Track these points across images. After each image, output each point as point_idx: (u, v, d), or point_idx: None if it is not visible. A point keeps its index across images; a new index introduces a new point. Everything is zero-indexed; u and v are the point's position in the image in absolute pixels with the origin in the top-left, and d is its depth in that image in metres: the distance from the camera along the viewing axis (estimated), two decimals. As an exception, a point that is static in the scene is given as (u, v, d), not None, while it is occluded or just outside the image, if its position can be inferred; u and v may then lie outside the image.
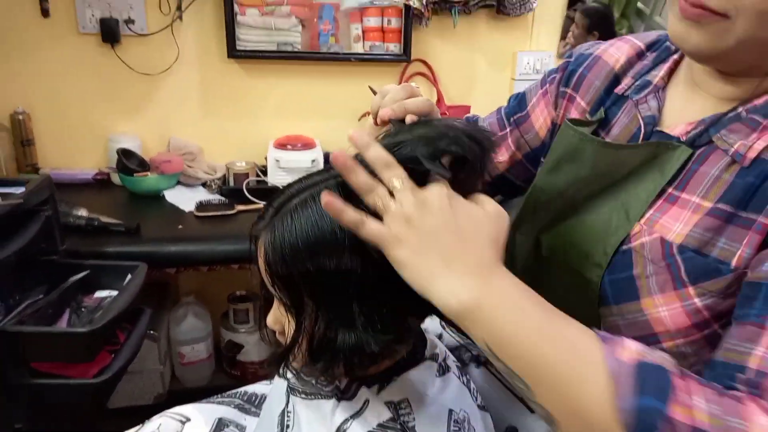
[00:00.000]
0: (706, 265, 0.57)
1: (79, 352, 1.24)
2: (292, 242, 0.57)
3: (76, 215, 1.60)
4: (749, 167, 0.56)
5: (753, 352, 0.49)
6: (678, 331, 0.59)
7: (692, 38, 0.56)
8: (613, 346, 0.47)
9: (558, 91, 0.82)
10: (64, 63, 1.95)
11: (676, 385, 0.45)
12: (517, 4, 2.20)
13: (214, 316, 2.17)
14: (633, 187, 0.64)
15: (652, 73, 0.70)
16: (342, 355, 0.58)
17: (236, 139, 2.16)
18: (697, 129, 0.62)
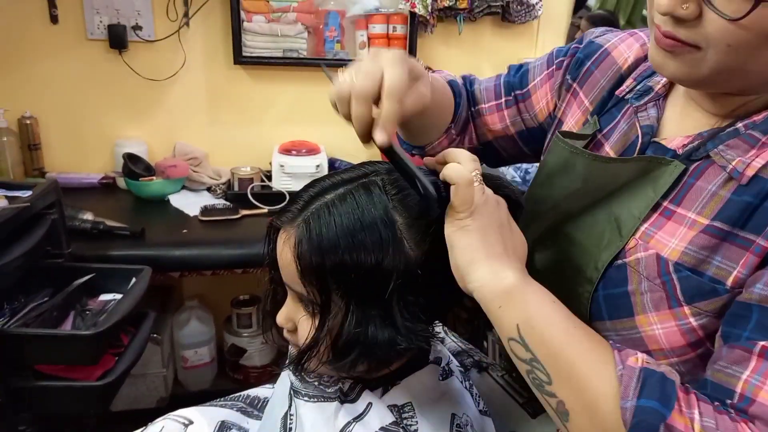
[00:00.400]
0: (702, 285, 0.56)
1: (83, 355, 1.25)
2: (331, 236, 0.57)
3: (82, 219, 1.61)
4: (747, 185, 0.56)
5: (741, 377, 0.50)
6: (672, 350, 0.59)
7: (669, 67, 0.57)
8: (624, 355, 0.51)
9: (563, 79, 0.80)
10: (72, 69, 1.97)
11: (679, 396, 0.47)
12: (522, 12, 2.20)
13: (218, 320, 2.18)
14: (626, 202, 0.64)
15: (654, 79, 0.70)
16: (372, 351, 0.58)
17: (241, 145, 2.18)
18: (694, 143, 0.61)
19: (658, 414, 0.46)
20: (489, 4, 2.14)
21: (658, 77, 0.69)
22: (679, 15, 0.52)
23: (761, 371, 0.49)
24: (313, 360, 0.61)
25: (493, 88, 0.88)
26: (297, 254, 0.58)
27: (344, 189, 0.60)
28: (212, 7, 2.00)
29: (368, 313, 0.58)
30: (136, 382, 1.85)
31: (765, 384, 0.48)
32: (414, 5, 2.03)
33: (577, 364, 0.51)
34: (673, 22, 0.54)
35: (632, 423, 0.46)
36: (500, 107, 0.87)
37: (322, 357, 0.61)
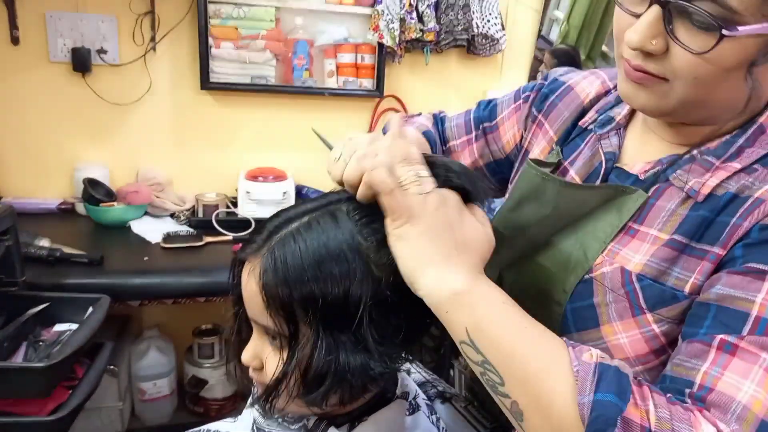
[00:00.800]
0: (663, 291, 0.59)
1: (34, 388, 1.19)
2: (297, 264, 0.56)
3: (38, 246, 1.56)
4: (703, 202, 0.59)
5: (700, 369, 0.51)
6: (637, 358, 0.61)
7: (638, 98, 0.60)
8: (578, 351, 0.51)
9: (530, 111, 0.84)
10: (33, 91, 1.93)
11: (633, 389, 0.48)
12: (487, 45, 2.26)
13: (178, 350, 2.12)
14: (592, 227, 0.66)
15: (615, 110, 0.73)
16: (345, 379, 0.57)
17: (207, 171, 2.15)
18: (654, 168, 0.65)
19: (616, 407, 0.46)
20: (455, 37, 2.20)
21: (619, 109, 0.73)
22: (647, 50, 0.55)
23: (720, 363, 0.50)
24: (281, 396, 0.59)
25: (464, 125, 0.92)
26: (262, 285, 0.57)
27: (309, 217, 0.59)
28: (180, 32, 1.99)
29: (338, 340, 0.57)
30: (90, 416, 1.78)
31: (723, 375, 0.50)
32: (382, 36, 2.06)
33: (529, 364, 0.51)
34: (643, 56, 0.57)
35: (590, 418, 0.46)
36: (470, 142, 0.91)
37: (292, 391, 0.59)
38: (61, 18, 1.88)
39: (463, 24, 2.18)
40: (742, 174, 0.59)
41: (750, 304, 0.52)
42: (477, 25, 2.19)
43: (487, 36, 2.23)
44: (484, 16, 2.21)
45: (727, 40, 0.51)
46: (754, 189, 0.57)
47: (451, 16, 2.17)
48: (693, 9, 0.52)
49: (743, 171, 0.59)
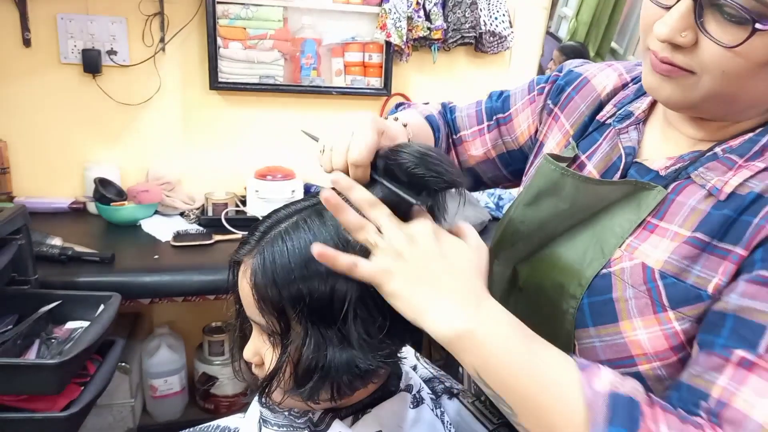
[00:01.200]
0: (687, 290, 0.58)
1: (46, 385, 1.21)
2: (284, 263, 0.57)
3: (50, 245, 1.58)
4: (725, 201, 0.59)
5: (716, 383, 0.52)
6: (656, 354, 0.60)
7: (664, 90, 0.60)
8: (590, 377, 0.51)
9: (545, 103, 0.83)
10: (44, 92, 1.95)
11: (644, 412, 0.48)
12: (495, 43, 2.26)
13: (189, 347, 2.14)
14: (609, 222, 0.66)
15: (634, 105, 0.73)
16: (333, 374, 0.58)
17: (216, 170, 2.17)
18: (676, 165, 0.65)
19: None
20: (462, 34, 2.19)
21: (638, 103, 0.73)
22: (676, 42, 0.55)
23: (737, 379, 0.51)
24: (277, 390, 0.61)
25: (475, 115, 0.91)
26: (253, 285, 0.59)
27: (297, 217, 0.60)
28: (188, 33, 2.01)
29: (326, 336, 0.58)
30: (102, 412, 1.80)
31: (739, 391, 0.50)
32: (389, 35, 2.06)
33: (540, 398, 0.51)
34: (671, 48, 0.56)
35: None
36: (482, 132, 0.90)
37: (286, 385, 0.60)
38: (72, 20, 1.90)
39: (471, 22, 2.18)
40: (766, 173, 0.58)
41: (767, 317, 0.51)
42: (485, 22, 2.19)
43: (495, 33, 2.23)
44: (491, 13, 2.21)
45: (759, 34, 0.50)
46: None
47: (458, 14, 2.17)
48: (725, 2, 0.51)
49: (767, 170, 0.58)
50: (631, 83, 0.77)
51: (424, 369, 0.84)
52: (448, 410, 0.76)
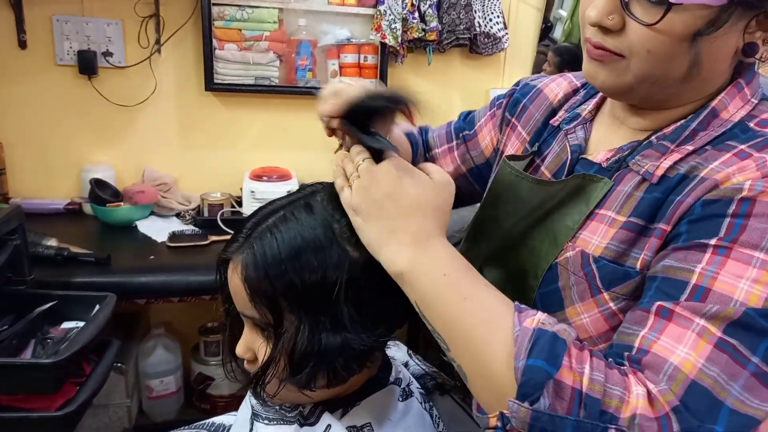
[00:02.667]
0: (616, 270, 0.62)
1: (42, 385, 1.21)
2: (275, 255, 0.59)
3: (46, 245, 1.58)
4: (657, 183, 0.63)
5: (639, 333, 0.54)
6: (599, 336, 0.63)
7: (599, 76, 0.64)
8: (523, 316, 0.53)
9: (503, 116, 0.89)
10: (40, 94, 1.96)
11: (570, 351, 0.51)
12: (489, 44, 2.27)
13: (185, 348, 2.14)
14: (561, 217, 0.70)
15: (582, 107, 0.78)
16: (328, 358, 0.59)
17: (212, 171, 2.17)
18: (615, 156, 0.69)
19: (544, 372, 0.49)
20: (457, 36, 2.21)
21: (585, 105, 0.78)
22: (605, 25, 0.59)
23: (657, 328, 0.53)
24: (272, 381, 0.62)
25: (445, 135, 0.98)
26: (244, 279, 0.60)
27: (284, 210, 0.62)
28: (184, 34, 2.01)
29: (319, 322, 0.59)
30: (99, 412, 1.80)
31: (659, 339, 0.53)
32: (384, 36, 2.07)
33: (472, 333, 0.54)
34: (602, 33, 0.61)
35: (521, 381, 0.49)
36: (452, 150, 0.97)
37: (281, 375, 0.61)
38: (68, 22, 1.91)
39: (466, 23, 2.19)
40: (694, 155, 0.62)
41: (690, 273, 0.54)
42: (479, 24, 2.20)
43: (490, 35, 2.24)
44: (486, 15, 2.22)
45: (675, 9, 0.54)
46: (701, 169, 0.60)
47: (453, 16, 2.18)
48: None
49: (695, 153, 0.62)
50: (582, 89, 0.82)
51: (416, 366, 0.85)
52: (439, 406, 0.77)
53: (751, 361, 0.49)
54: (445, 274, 0.57)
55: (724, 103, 0.63)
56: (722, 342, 0.50)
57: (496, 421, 0.52)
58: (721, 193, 0.56)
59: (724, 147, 0.61)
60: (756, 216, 0.53)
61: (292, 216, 0.61)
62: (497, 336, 0.53)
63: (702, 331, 0.51)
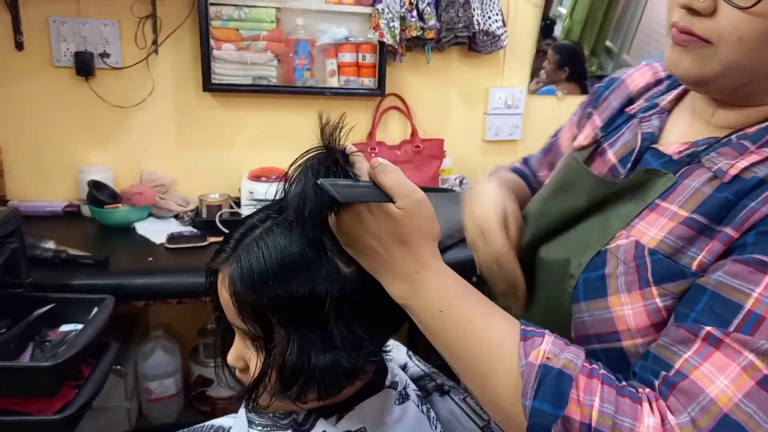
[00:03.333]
0: (672, 267, 0.59)
1: (41, 387, 1.21)
2: (261, 269, 0.57)
3: (44, 248, 1.58)
4: (729, 183, 0.58)
5: (682, 355, 0.52)
6: (638, 330, 0.60)
7: (683, 63, 0.61)
8: (528, 347, 0.53)
9: (584, 111, 0.89)
10: (37, 95, 1.95)
11: (579, 385, 0.50)
12: (488, 42, 2.26)
13: (184, 350, 2.13)
14: (615, 207, 0.68)
15: (662, 98, 0.75)
16: (317, 376, 0.58)
17: (210, 171, 2.16)
18: (689, 150, 0.65)
19: (550, 416, 0.49)
20: (456, 34, 2.20)
21: (666, 96, 0.75)
22: (695, 7, 0.56)
23: (702, 354, 0.51)
24: (264, 394, 0.61)
25: (541, 152, 1.00)
26: (232, 293, 0.59)
27: (272, 221, 0.61)
28: (181, 35, 2.00)
29: (309, 339, 0.58)
30: (98, 415, 1.79)
31: (701, 365, 0.50)
32: (383, 35, 2.07)
33: (478, 365, 0.55)
34: (690, 15, 0.58)
35: (529, 422, 0.50)
36: (545, 159, 0.98)
37: (273, 388, 0.60)
38: (64, 23, 1.90)
39: (464, 21, 2.18)
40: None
41: (745, 297, 0.51)
42: (478, 22, 2.19)
43: (489, 33, 2.23)
44: (485, 12, 2.21)
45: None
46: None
47: (451, 14, 2.17)
48: None
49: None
50: (666, 79, 0.79)
51: (415, 366, 0.84)
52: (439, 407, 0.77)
53: None
54: (441, 311, 0.56)
55: None
56: (766, 380, 0.48)
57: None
58: None
59: None
60: None
61: (279, 227, 0.59)
62: (502, 370, 0.53)
63: (748, 366, 0.49)
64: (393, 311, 0.59)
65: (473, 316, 0.56)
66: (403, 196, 0.55)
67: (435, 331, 0.57)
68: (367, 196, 0.55)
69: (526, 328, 0.55)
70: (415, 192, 0.56)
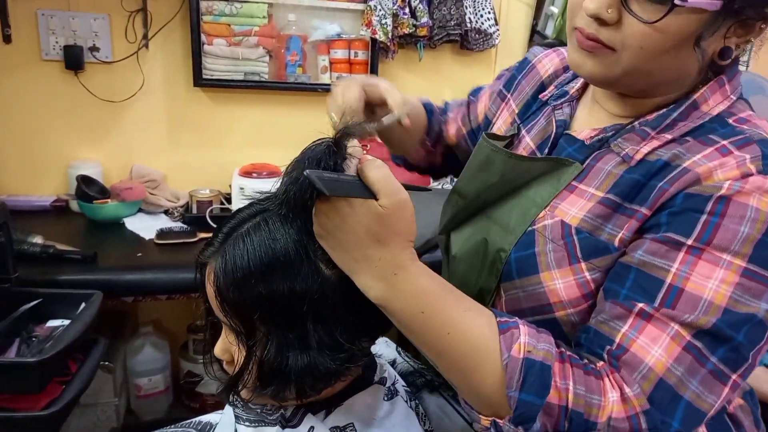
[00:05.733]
0: (597, 243, 0.65)
1: (27, 384, 1.20)
2: (244, 266, 0.57)
3: (31, 242, 1.56)
4: (636, 166, 0.66)
5: (620, 330, 0.59)
6: (569, 302, 0.66)
7: (586, 66, 0.66)
8: (508, 341, 0.57)
9: (500, 89, 0.94)
10: (25, 89, 1.93)
11: (555, 372, 0.56)
12: (480, 40, 2.27)
13: (173, 346, 2.12)
14: (533, 193, 0.73)
15: (570, 85, 0.81)
16: (293, 377, 0.58)
17: (201, 167, 2.15)
18: (599, 135, 0.72)
19: (536, 405, 0.55)
20: (448, 32, 2.20)
21: (574, 83, 0.81)
22: (603, 17, 0.61)
23: (636, 327, 0.59)
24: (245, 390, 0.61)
25: (459, 101, 1.05)
26: (215, 288, 0.59)
27: (260, 218, 0.60)
28: (172, 29, 1.99)
29: (287, 338, 0.58)
30: (86, 412, 1.78)
31: (638, 338, 0.58)
32: (375, 32, 2.06)
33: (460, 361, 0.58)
34: (597, 24, 0.62)
35: (515, 412, 0.55)
36: (458, 112, 1.03)
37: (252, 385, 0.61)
38: (53, 16, 1.88)
39: (456, 19, 2.18)
40: (674, 144, 0.65)
41: (665, 273, 0.59)
42: (470, 19, 2.20)
43: (481, 31, 2.23)
44: (477, 11, 2.22)
45: (676, 11, 0.56)
46: (683, 159, 0.63)
47: (443, 11, 2.17)
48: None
49: (674, 141, 0.65)
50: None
51: (404, 363, 0.84)
52: (429, 403, 0.77)
53: (710, 360, 0.56)
54: (423, 312, 0.57)
55: (705, 97, 0.67)
56: (690, 345, 0.57)
57: (489, 424, 0.58)
58: (702, 189, 0.60)
59: (707, 140, 0.63)
60: (730, 216, 0.58)
61: (266, 224, 0.59)
62: (486, 364, 0.57)
63: (675, 335, 0.57)
64: (374, 316, 0.59)
65: (454, 315, 0.58)
66: (387, 194, 0.55)
67: (416, 331, 0.58)
68: (351, 191, 0.54)
69: (500, 319, 0.59)
70: (399, 191, 0.56)
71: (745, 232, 0.57)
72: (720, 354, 0.56)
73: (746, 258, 0.57)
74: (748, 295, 0.57)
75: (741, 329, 0.56)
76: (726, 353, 0.56)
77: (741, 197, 0.58)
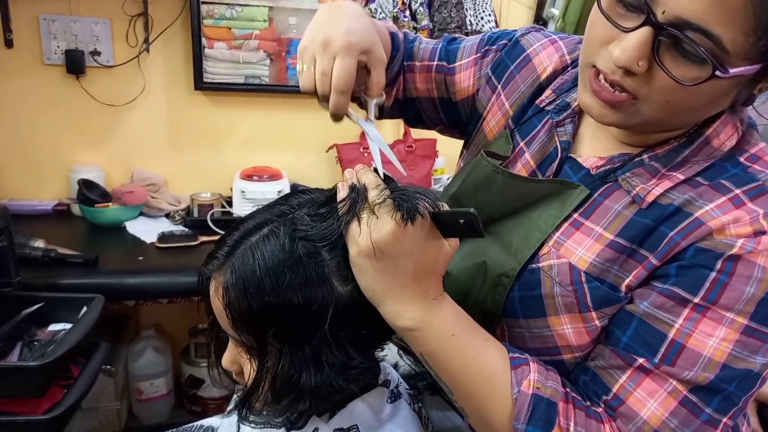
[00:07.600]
0: (608, 294, 0.64)
1: (29, 388, 1.20)
2: (257, 283, 0.56)
3: (33, 246, 1.56)
4: (647, 209, 0.63)
5: (618, 380, 0.61)
6: (578, 347, 0.67)
7: (606, 118, 0.62)
8: (519, 376, 0.60)
9: (488, 75, 0.84)
10: (27, 94, 1.93)
11: (559, 411, 0.58)
12: (481, 42, 2.26)
13: (175, 350, 2.12)
14: (535, 217, 0.70)
15: (572, 95, 0.75)
16: (307, 393, 0.58)
17: (202, 171, 2.16)
18: (606, 166, 0.69)
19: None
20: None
21: (574, 93, 0.73)
22: (633, 70, 0.56)
23: (634, 380, 0.60)
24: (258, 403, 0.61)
25: (430, 51, 0.90)
26: (226, 303, 0.57)
27: (268, 229, 0.59)
28: (173, 33, 2.00)
29: (301, 355, 0.57)
30: (88, 415, 1.78)
31: (635, 391, 0.60)
32: (375, 34, 2.06)
33: (476, 390, 0.60)
34: (622, 72, 0.57)
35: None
36: (430, 69, 0.90)
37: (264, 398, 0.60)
38: (55, 21, 1.89)
39: (457, 21, 2.18)
40: (686, 186, 0.63)
41: (668, 327, 0.60)
42: (470, 22, 2.20)
43: (479, 32, 2.23)
44: (477, 13, 2.22)
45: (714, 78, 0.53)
46: (695, 206, 0.61)
47: (444, 14, 2.17)
48: (686, 41, 0.52)
49: (686, 183, 0.63)
50: (571, 67, 0.78)
51: (406, 366, 0.84)
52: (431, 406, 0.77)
53: (705, 411, 0.58)
54: (454, 334, 0.60)
55: (717, 132, 0.64)
56: (686, 399, 0.58)
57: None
58: (714, 245, 0.59)
59: (719, 187, 0.61)
60: (738, 276, 0.58)
61: (275, 236, 0.57)
62: (497, 395, 0.59)
63: (672, 391, 0.59)
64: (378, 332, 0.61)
65: (478, 342, 0.61)
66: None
67: (445, 353, 0.59)
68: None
69: (513, 355, 0.62)
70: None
71: (750, 292, 0.57)
72: (714, 405, 0.58)
73: (748, 316, 0.57)
74: (746, 351, 0.58)
75: (735, 381, 0.58)
76: (719, 403, 0.58)
77: (751, 256, 0.57)
